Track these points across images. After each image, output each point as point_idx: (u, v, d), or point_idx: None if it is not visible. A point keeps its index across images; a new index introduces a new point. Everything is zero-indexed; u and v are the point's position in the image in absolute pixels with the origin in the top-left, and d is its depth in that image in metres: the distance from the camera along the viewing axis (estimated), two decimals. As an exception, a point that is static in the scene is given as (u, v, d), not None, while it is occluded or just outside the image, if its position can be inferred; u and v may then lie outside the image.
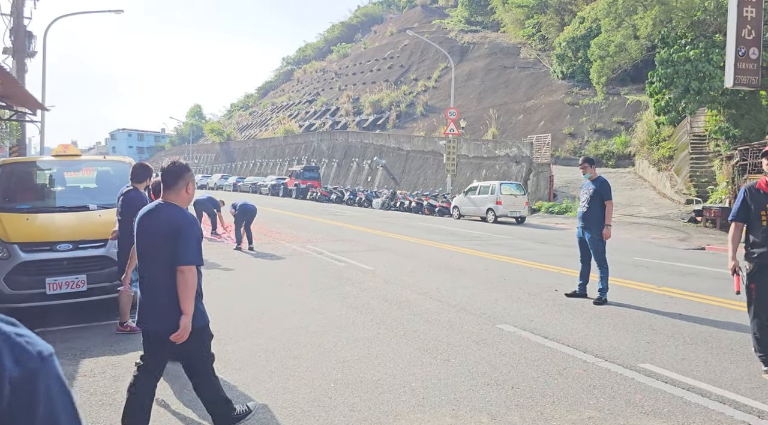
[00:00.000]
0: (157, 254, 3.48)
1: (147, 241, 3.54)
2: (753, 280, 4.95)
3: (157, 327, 3.53)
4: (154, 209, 3.58)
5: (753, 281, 4.95)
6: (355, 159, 43.51)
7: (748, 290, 5.00)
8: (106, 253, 6.40)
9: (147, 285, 3.55)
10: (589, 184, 7.98)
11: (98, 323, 6.43)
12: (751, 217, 4.98)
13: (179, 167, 3.59)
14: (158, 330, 3.51)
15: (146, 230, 3.55)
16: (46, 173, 8.11)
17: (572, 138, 32.87)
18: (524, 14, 46.50)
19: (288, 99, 74.49)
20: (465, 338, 5.95)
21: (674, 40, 24.34)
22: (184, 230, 3.46)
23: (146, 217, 3.59)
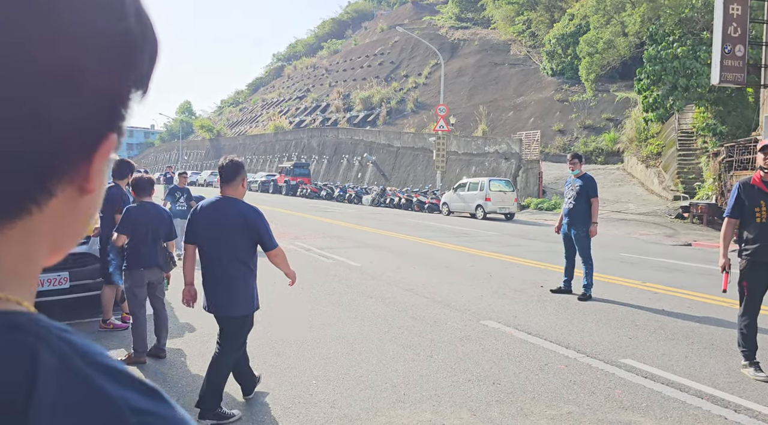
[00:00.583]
0: (229, 245, 3.81)
1: (215, 232, 3.83)
2: (745, 277, 4.93)
3: (224, 312, 3.90)
4: (218, 203, 3.90)
5: (745, 278, 4.93)
6: (346, 156, 43.45)
7: (740, 287, 4.98)
8: (89, 250, 6.35)
9: (211, 273, 3.87)
10: (575, 180, 8.01)
11: (81, 320, 6.39)
12: (745, 213, 4.90)
13: (237, 165, 3.96)
14: (224, 315, 3.91)
15: (213, 222, 3.85)
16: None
17: (562, 135, 33.00)
18: (514, 11, 46.58)
19: (278, 95, 74.22)
20: (449, 334, 5.96)
21: (662, 37, 24.48)
22: (260, 223, 3.86)
23: (210, 209, 3.90)
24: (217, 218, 3.84)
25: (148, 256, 5.12)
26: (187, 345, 5.57)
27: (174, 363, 5.06)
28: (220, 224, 3.83)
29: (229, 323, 3.93)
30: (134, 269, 5.07)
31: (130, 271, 5.08)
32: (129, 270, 5.09)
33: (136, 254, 5.08)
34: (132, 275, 5.08)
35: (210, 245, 3.88)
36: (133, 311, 5.09)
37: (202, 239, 3.92)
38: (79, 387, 0.41)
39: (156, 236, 5.19)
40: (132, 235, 5.10)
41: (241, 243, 3.83)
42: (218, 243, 3.84)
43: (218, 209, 3.87)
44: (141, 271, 5.08)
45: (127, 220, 5.12)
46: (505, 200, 22.33)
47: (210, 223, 3.87)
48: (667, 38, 24.08)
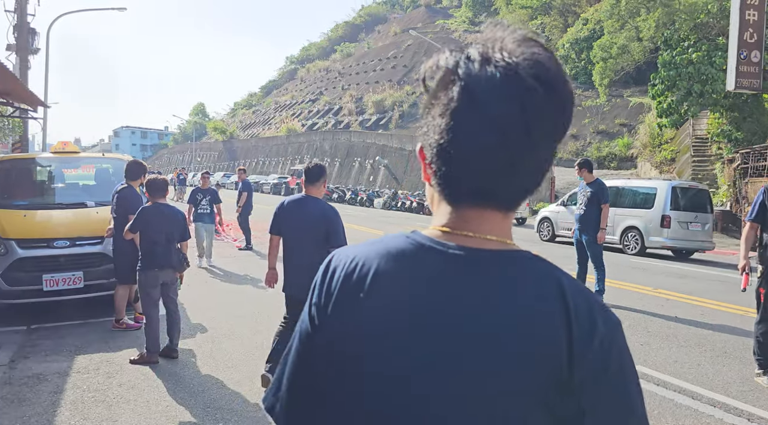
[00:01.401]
0: (310, 238, 4.31)
1: (300, 225, 4.34)
2: (763, 284, 4.84)
3: (301, 295, 4.04)
4: (302, 201, 4.42)
5: (763, 285, 4.84)
6: (358, 159, 43.53)
7: (758, 294, 4.90)
8: (103, 250, 6.42)
9: (295, 260, 4.36)
10: (587, 187, 7.98)
11: (94, 320, 6.45)
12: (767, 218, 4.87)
13: (321, 168, 4.47)
14: (301, 297, 3.87)
15: (298, 216, 4.35)
16: (44, 170, 8.14)
17: (574, 140, 32.85)
18: (528, 15, 46.48)
19: (291, 98, 74.57)
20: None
21: (677, 42, 24.31)
22: (337, 221, 4.38)
23: (294, 206, 4.41)
24: (302, 214, 4.35)
25: (163, 256, 5.17)
26: (199, 345, 5.61)
27: (186, 363, 5.10)
28: (305, 218, 4.33)
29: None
30: (148, 270, 5.12)
31: (145, 271, 5.13)
32: (143, 270, 5.14)
33: (151, 254, 5.13)
34: (146, 275, 5.13)
35: (295, 236, 4.38)
36: (147, 311, 5.14)
37: (287, 230, 4.41)
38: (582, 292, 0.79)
39: (170, 236, 5.24)
40: (146, 235, 5.16)
41: (321, 235, 4.33)
42: (302, 234, 4.34)
43: (303, 205, 4.39)
44: (155, 271, 5.13)
45: (141, 219, 5.18)
46: (516, 204, 22.16)
47: (295, 217, 4.37)
48: (682, 43, 23.91)
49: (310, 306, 0.89)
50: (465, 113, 0.76)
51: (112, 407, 4.12)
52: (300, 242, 4.36)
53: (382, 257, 0.83)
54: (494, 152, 0.76)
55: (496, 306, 0.75)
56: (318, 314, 0.86)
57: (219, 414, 4.03)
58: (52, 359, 5.13)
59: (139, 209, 5.30)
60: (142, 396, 4.32)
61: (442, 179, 0.81)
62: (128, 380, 4.65)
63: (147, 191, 5.41)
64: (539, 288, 0.77)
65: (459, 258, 0.79)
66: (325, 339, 0.83)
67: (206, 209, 10.38)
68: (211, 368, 4.97)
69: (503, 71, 0.76)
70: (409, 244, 0.83)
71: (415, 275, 0.79)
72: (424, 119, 0.83)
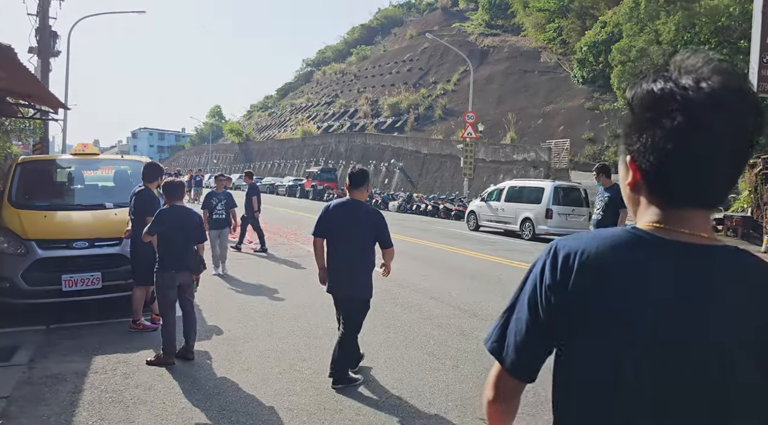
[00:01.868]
0: (357, 240, 4.59)
1: (347, 228, 4.58)
2: None
3: (348, 295, 4.64)
4: (347, 204, 4.68)
5: None
6: (373, 161, 43.56)
7: None
8: (121, 251, 6.47)
9: (341, 263, 4.58)
10: (604, 192, 7.90)
11: (112, 320, 6.50)
12: None
13: (365, 173, 4.79)
14: (348, 297, 4.66)
15: (344, 219, 4.60)
16: (64, 171, 8.24)
17: (592, 143, 32.55)
18: (545, 18, 46.18)
19: (307, 100, 74.86)
20: (475, 344, 5.91)
21: (698, 45, 24.02)
22: (384, 223, 4.70)
23: (341, 209, 4.66)
24: (348, 217, 4.60)
25: (180, 258, 5.19)
26: (215, 347, 5.63)
27: (201, 365, 5.12)
28: (350, 221, 4.58)
29: (352, 304, 4.66)
30: (166, 271, 5.15)
31: (162, 273, 5.16)
32: (160, 272, 5.17)
33: (168, 256, 5.16)
34: (163, 277, 5.16)
35: (340, 238, 4.59)
36: (164, 312, 5.16)
37: (333, 233, 4.62)
38: None
39: (187, 238, 5.27)
40: (164, 237, 5.19)
41: (366, 238, 4.61)
42: (347, 237, 4.57)
43: (348, 209, 4.64)
44: (172, 273, 5.15)
45: (159, 222, 5.21)
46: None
47: (341, 220, 4.61)
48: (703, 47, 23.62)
49: (541, 286, 1.08)
50: (687, 134, 0.96)
51: (129, 408, 4.14)
52: (348, 245, 4.58)
53: (613, 247, 1.02)
54: (713, 165, 0.97)
55: (734, 288, 0.98)
56: (554, 292, 1.06)
57: (234, 416, 4.03)
58: (70, 359, 5.17)
59: (157, 212, 5.33)
60: (158, 398, 4.33)
61: (660, 187, 1.03)
62: (145, 381, 4.67)
63: (164, 194, 5.44)
64: (763, 273, 1.01)
65: (688, 249, 1.00)
66: (572, 309, 1.04)
67: (221, 214, 9.99)
68: (227, 370, 4.98)
69: (716, 95, 0.95)
70: (636, 237, 1.03)
71: (655, 264, 1.00)
72: (635, 136, 1.04)
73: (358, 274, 4.61)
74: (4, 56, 6.28)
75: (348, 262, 4.58)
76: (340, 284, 4.63)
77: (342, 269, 4.59)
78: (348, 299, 4.66)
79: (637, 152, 1.02)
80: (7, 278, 6.10)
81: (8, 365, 5.00)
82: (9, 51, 6.19)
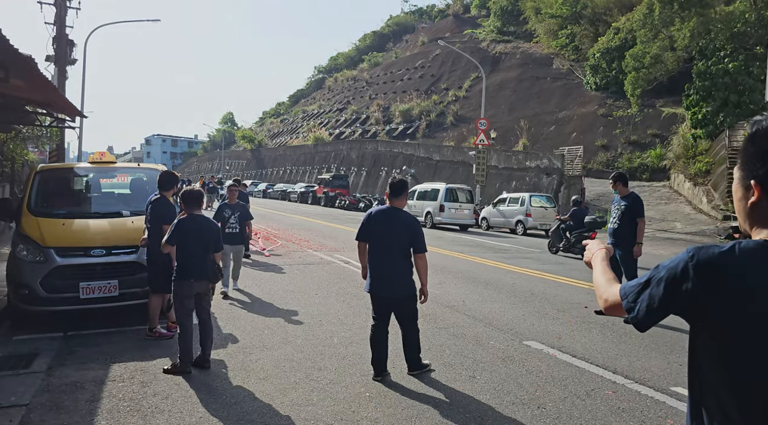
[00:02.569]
0: (396, 244, 4.99)
1: (387, 233, 5.00)
2: None
3: (390, 294, 5.04)
4: (388, 212, 5.09)
5: None
6: (384, 168, 43.60)
7: None
8: (138, 259, 6.52)
9: (382, 265, 5.00)
10: (621, 200, 7.82)
11: (129, 328, 6.54)
12: None
13: (405, 183, 5.15)
14: (390, 295, 5.06)
15: (386, 225, 5.01)
16: (82, 179, 8.32)
17: (605, 150, 32.36)
18: (558, 25, 46.09)
19: (319, 107, 75.18)
20: (491, 354, 5.87)
21: (713, 52, 23.83)
22: (419, 230, 5.11)
23: (382, 216, 5.07)
24: (390, 223, 5.02)
25: (198, 268, 5.21)
26: (231, 356, 5.63)
27: (218, 374, 5.12)
28: (392, 227, 5.00)
29: (400, 302, 5.08)
30: (184, 280, 5.17)
31: (180, 281, 5.18)
32: (178, 280, 5.19)
33: (187, 265, 5.18)
34: (181, 285, 5.18)
35: (383, 244, 5.00)
36: (181, 321, 5.18)
37: (376, 238, 5.04)
38: None
39: (206, 248, 5.29)
40: (182, 246, 5.21)
41: (405, 242, 5.01)
42: (390, 242, 4.98)
43: (389, 215, 5.06)
44: (190, 282, 5.17)
45: (178, 231, 5.23)
46: (546, 216, 22.00)
47: (384, 226, 5.02)
48: (718, 53, 23.43)
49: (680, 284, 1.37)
50: None
51: (147, 417, 4.15)
52: (389, 248, 4.98)
53: (753, 257, 1.29)
54: None
55: None
56: (695, 294, 1.34)
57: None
58: (88, 366, 5.20)
59: (176, 221, 5.36)
60: (176, 407, 4.34)
61: None
62: (162, 389, 4.69)
63: (182, 203, 5.47)
64: None
65: None
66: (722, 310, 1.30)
67: (235, 227, 8.91)
68: (243, 379, 4.98)
69: None
70: None
71: None
72: (759, 163, 1.33)
73: (400, 275, 5.02)
74: (24, 67, 6.38)
75: (390, 264, 4.98)
76: (381, 285, 5.00)
77: (385, 272, 4.98)
78: (396, 299, 5.08)
79: (763, 177, 1.32)
80: (26, 285, 6.17)
81: (28, 372, 5.04)
82: (29, 61, 6.29)
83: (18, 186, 16.84)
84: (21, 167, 18.55)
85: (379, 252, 5.02)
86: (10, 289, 6.44)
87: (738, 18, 24.17)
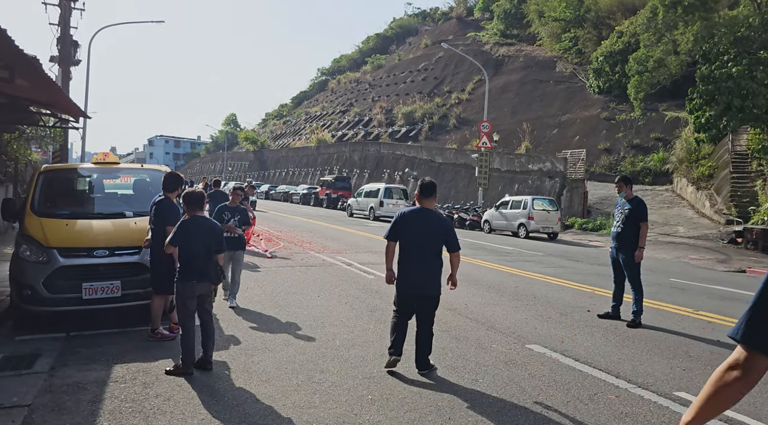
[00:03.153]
0: (429, 243, 5.19)
1: (421, 233, 5.19)
2: None
3: (418, 292, 5.23)
4: (421, 212, 5.27)
5: None
6: (387, 170, 43.59)
7: None
8: (140, 260, 6.52)
9: (414, 264, 5.17)
10: (625, 203, 7.81)
11: (131, 328, 6.54)
12: None
13: (434, 184, 5.35)
14: (419, 294, 5.25)
15: (418, 225, 5.20)
16: (85, 180, 8.33)
17: (608, 154, 32.32)
18: (561, 28, 46.08)
19: (322, 109, 75.24)
20: (493, 357, 5.86)
21: (716, 56, 23.81)
22: (453, 229, 5.42)
23: (414, 215, 5.25)
24: (422, 223, 5.20)
25: (201, 269, 5.21)
26: (233, 358, 5.63)
27: (220, 376, 5.12)
28: (423, 226, 5.18)
29: (429, 301, 5.27)
30: (186, 281, 5.17)
31: (183, 282, 5.18)
32: (181, 281, 5.19)
33: (190, 266, 5.18)
34: (184, 286, 5.18)
35: (415, 243, 5.16)
36: (183, 322, 5.18)
37: (408, 238, 5.20)
38: None
39: (209, 249, 5.29)
40: (185, 248, 5.21)
41: (436, 241, 5.21)
42: (422, 241, 5.16)
43: (421, 216, 5.24)
44: (193, 283, 5.17)
45: (181, 232, 5.23)
46: (548, 219, 21.98)
47: (415, 226, 5.19)
48: (722, 57, 23.40)
49: None
50: None
51: (149, 418, 4.14)
52: (420, 247, 5.15)
53: None
54: None
55: None
56: None
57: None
58: (90, 367, 5.20)
59: (179, 223, 5.36)
60: (177, 408, 4.34)
61: None
62: (164, 391, 4.68)
63: (184, 204, 5.47)
64: None
65: None
66: None
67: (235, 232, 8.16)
68: (245, 381, 4.98)
69: None
70: None
71: None
72: None
73: (432, 274, 5.20)
74: (29, 67, 6.39)
75: (425, 264, 5.17)
76: (414, 284, 5.20)
77: (419, 271, 5.16)
78: (424, 297, 5.24)
79: None
80: (29, 285, 6.17)
81: (30, 372, 5.04)
82: (34, 62, 6.30)
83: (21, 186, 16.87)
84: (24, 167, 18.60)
85: (412, 252, 5.18)
86: (13, 289, 6.44)
87: (742, 22, 24.14)
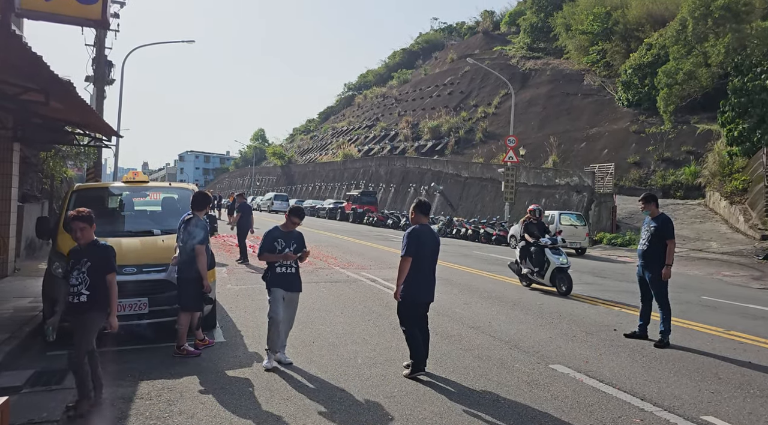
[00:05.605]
0: (435, 256, 5.99)
1: (430, 247, 5.89)
2: None
3: (427, 299, 5.94)
4: (425, 228, 5.91)
5: None
6: (413, 185, 43.65)
7: None
8: (167, 277, 6.65)
9: (426, 275, 5.85)
10: (651, 221, 7.69)
11: (157, 345, 6.66)
12: None
13: (429, 204, 6.12)
14: (427, 300, 5.95)
15: (428, 240, 5.87)
16: (116, 198, 8.56)
17: (637, 167, 31.81)
18: (588, 41, 45.75)
19: (348, 124, 75.87)
20: (516, 377, 5.80)
21: (749, 68, 23.35)
22: None
23: (428, 232, 5.92)
24: (430, 238, 5.93)
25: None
26: (256, 376, 5.69)
27: (243, 393, 5.17)
28: (432, 242, 5.95)
29: (427, 305, 6.00)
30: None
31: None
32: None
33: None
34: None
35: (426, 256, 5.84)
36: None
37: (422, 252, 5.78)
38: None
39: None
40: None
41: (437, 253, 6.03)
42: (430, 254, 5.91)
43: (429, 232, 5.96)
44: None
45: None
46: (576, 234, 21.70)
47: (426, 241, 5.85)
48: (754, 69, 22.94)
49: None
50: None
51: (172, 436, 4.21)
52: (429, 260, 5.88)
53: None
54: None
55: None
56: None
57: (274, 448, 4.05)
58: (117, 383, 5.32)
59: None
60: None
61: None
62: (188, 408, 4.76)
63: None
64: None
65: None
66: None
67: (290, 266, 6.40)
68: (267, 400, 5.03)
69: None
70: None
71: None
72: None
73: (434, 282, 6.01)
74: (63, 90, 6.64)
75: (431, 274, 5.93)
76: (423, 292, 5.85)
77: (427, 280, 5.87)
78: (428, 303, 5.98)
79: None
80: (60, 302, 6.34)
81: (60, 388, 5.18)
82: (68, 86, 6.54)
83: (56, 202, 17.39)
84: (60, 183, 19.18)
85: (425, 264, 5.83)
86: (46, 305, 6.63)
87: (775, 33, 23.65)
